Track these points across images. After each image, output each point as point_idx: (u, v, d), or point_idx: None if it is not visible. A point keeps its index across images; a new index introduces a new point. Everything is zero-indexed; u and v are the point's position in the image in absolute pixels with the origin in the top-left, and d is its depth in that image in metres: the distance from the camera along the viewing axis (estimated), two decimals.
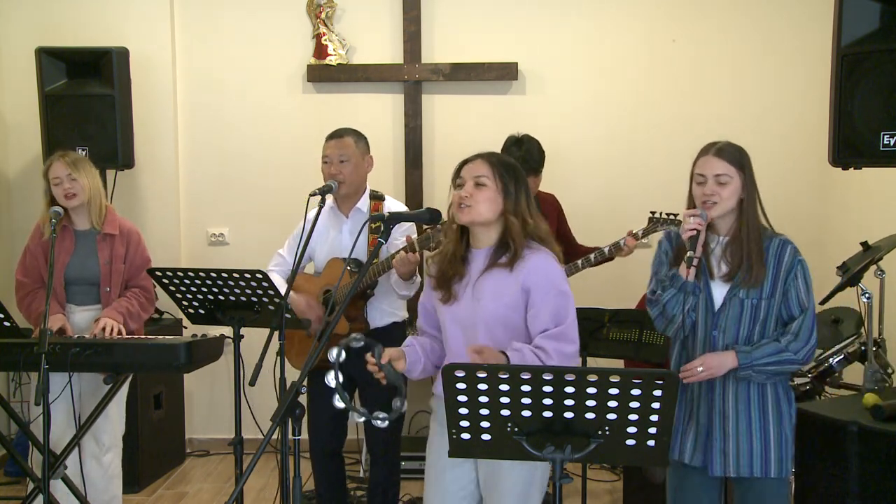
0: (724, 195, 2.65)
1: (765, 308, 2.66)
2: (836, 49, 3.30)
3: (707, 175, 2.68)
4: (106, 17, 5.05)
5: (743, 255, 2.66)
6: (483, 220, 2.57)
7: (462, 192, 2.57)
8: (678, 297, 2.67)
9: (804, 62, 4.96)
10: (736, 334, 2.68)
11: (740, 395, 2.68)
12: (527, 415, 2.00)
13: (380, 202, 3.67)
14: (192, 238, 5.29)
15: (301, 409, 2.30)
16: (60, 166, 3.59)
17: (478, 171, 2.58)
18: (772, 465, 2.68)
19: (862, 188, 4.54)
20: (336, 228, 3.64)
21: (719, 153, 2.68)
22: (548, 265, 2.56)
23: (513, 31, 5.11)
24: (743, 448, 2.67)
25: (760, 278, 2.64)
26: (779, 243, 2.69)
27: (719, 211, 2.67)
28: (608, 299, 3.74)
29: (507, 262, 2.55)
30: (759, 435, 2.67)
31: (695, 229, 2.62)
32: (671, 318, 2.70)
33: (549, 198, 4.35)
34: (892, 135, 3.15)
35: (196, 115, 5.23)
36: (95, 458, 3.64)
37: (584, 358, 3.50)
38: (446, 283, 2.63)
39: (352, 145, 3.60)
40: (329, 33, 5.13)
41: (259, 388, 3.00)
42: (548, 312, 2.51)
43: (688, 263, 2.63)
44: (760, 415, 2.68)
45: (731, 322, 2.68)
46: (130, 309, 3.62)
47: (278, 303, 3.11)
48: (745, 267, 2.65)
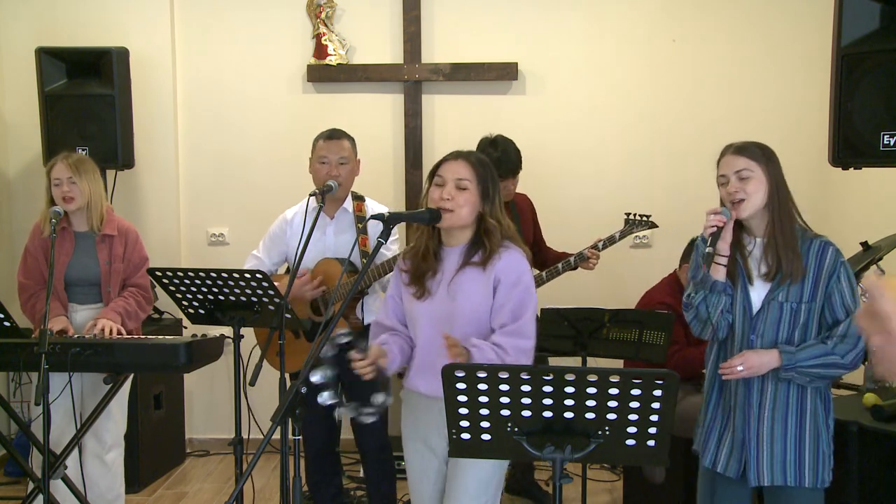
0: (748, 190, 2.58)
1: (805, 312, 2.58)
2: (836, 49, 3.30)
3: (728, 174, 2.62)
4: (106, 17, 5.05)
5: (778, 251, 2.58)
6: (462, 224, 2.61)
7: (444, 194, 2.58)
8: (710, 297, 2.61)
9: (804, 62, 4.96)
10: (774, 339, 2.60)
11: (778, 402, 2.61)
12: (527, 415, 2.00)
13: (361, 202, 3.69)
14: (192, 238, 5.29)
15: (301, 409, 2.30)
16: (63, 168, 3.59)
17: (460, 172, 2.60)
18: (806, 475, 2.60)
19: (862, 188, 4.54)
20: (320, 229, 3.61)
21: (738, 150, 2.63)
22: (518, 262, 2.60)
23: (513, 31, 5.11)
24: (777, 456, 2.60)
25: (798, 274, 2.56)
26: (820, 244, 2.61)
27: (749, 208, 2.59)
28: (608, 299, 3.75)
29: (480, 261, 2.59)
30: (793, 443, 2.60)
31: (714, 226, 2.57)
32: (705, 320, 2.64)
33: (524, 199, 4.32)
34: (892, 135, 3.15)
35: (196, 115, 5.23)
36: (98, 456, 3.64)
37: (584, 358, 3.50)
38: (420, 279, 2.65)
39: (349, 148, 3.63)
40: (329, 33, 5.13)
41: (259, 388, 3.00)
42: (509, 308, 2.54)
43: (705, 260, 2.57)
44: (797, 422, 2.60)
45: (769, 326, 2.61)
46: (128, 308, 3.61)
47: (278, 303, 3.11)
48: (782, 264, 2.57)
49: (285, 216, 3.75)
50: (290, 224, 3.71)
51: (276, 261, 3.76)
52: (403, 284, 2.71)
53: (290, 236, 3.68)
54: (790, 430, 2.60)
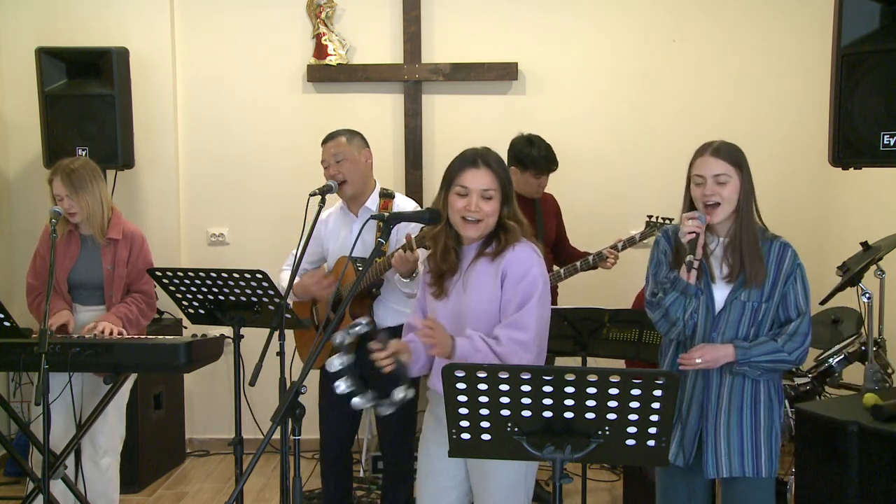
0: (724, 195, 2.65)
1: (763, 310, 2.68)
2: (836, 49, 3.30)
3: (706, 175, 2.67)
4: (106, 17, 5.05)
5: (742, 255, 2.66)
6: (488, 231, 2.61)
7: (471, 206, 2.57)
8: (681, 300, 2.67)
9: (804, 62, 4.96)
10: (734, 336, 2.69)
11: (734, 394, 2.70)
12: (527, 415, 2.00)
13: (389, 200, 3.65)
14: (192, 238, 5.29)
15: (301, 409, 2.30)
16: (60, 185, 3.57)
17: (485, 182, 2.59)
18: (762, 465, 2.69)
19: (862, 188, 4.54)
20: (346, 228, 3.64)
21: (717, 153, 2.67)
22: (527, 256, 2.58)
23: (513, 31, 5.11)
24: (734, 447, 2.68)
25: (762, 278, 2.65)
26: (779, 246, 2.69)
27: (722, 213, 2.66)
28: (607, 299, 3.74)
29: (491, 252, 2.59)
30: (750, 434, 2.69)
31: (694, 232, 2.62)
32: (674, 322, 2.70)
33: (549, 197, 4.38)
34: (892, 135, 3.15)
35: (196, 114, 5.23)
36: (92, 460, 3.63)
37: (584, 358, 3.50)
38: (440, 279, 2.67)
39: (344, 143, 3.59)
40: (329, 33, 5.13)
41: (259, 388, 3.00)
42: (515, 302, 2.53)
43: (688, 267, 2.64)
44: (752, 413, 2.69)
45: (730, 324, 2.69)
46: (129, 315, 3.62)
47: (278, 303, 3.11)
48: (745, 267, 2.65)
49: (321, 217, 3.75)
50: (325, 224, 3.71)
51: (314, 259, 3.76)
52: (426, 285, 2.73)
53: (325, 236, 3.69)
54: (746, 422, 2.69)
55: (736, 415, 2.69)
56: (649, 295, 2.77)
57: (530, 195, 4.19)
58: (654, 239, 2.86)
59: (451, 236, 2.67)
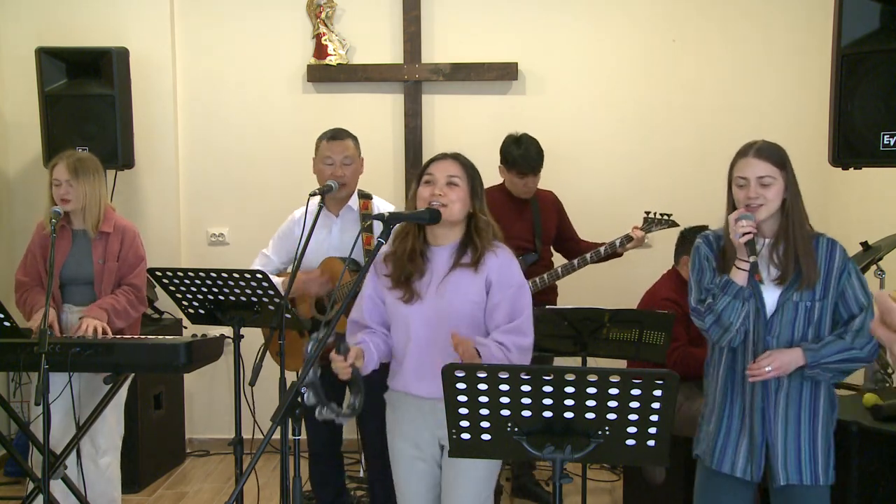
0: (769, 197, 2.57)
1: (818, 310, 2.59)
2: (836, 49, 3.30)
3: (749, 177, 2.58)
4: (106, 17, 5.05)
5: (794, 256, 2.58)
6: (454, 220, 2.62)
7: (435, 190, 2.61)
8: (734, 304, 2.57)
9: (804, 62, 4.96)
10: (790, 339, 2.60)
11: (791, 401, 2.61)
12: (527, 415, 2.00)
13: (368, 200, 3.68)
14: (192, 238, 5.29)
15: (301, 409, 2.30)
16: (63, 169, 3.59)
17: (450, 170, 2.64)
18: (820, 473, 2.61)
19: (862, 188, 4.54)
20: (325, 228, 3.62)
21: (759, 154, 2.60)
22: (509, 262, 2.63)
23: (513, 31, 5.11)
24: (792, 455, 2.60)
25: (814, 279, 2.57)
26: (827, 242, 2.62)
27: (765, 213, 2.58)
28: (607, 299, 3.74)
29: (471, 261, 2.60)
30: (808, 442, 2.60)
31: (750, 232, 2.53)
32: (727, 327, 2.59)
33: (548, 195, 4.38)
34: (892, 135, 3.15)
35: (196, 115, 5.23)
36: (92, 460, 3.63)
37: (584, 358, 3.50)
38: (406, 282, 2.64)
39: (353, 148, 3.62)
40: (329, 33, 5.13)
41: (259, 388, 3.00)
42: (505, 308, 2.57)
43: (753, 270, 2.53)
44: (810, 421, 2.61)
45: (785, 326, 2.60)
46: (116, 306, 3.60)
47: (278, 303, 3.11)
48: (799, 269, 2.57)
49: (294, 216, 3.74)
50: (298, 223, 3.70)
51: (285, 259, 3.75)
52: (386, 288, 2.69)
53: (299, 235, 3.68)
54: (804, 429, 2.61)
55: (794, 424, 2.60)
56: (695, 302, 2.68)
57: (519, 195, 4.19)
58: (694, 245, 2.77)
59: (418, 237, 2.67)
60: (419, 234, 2.68)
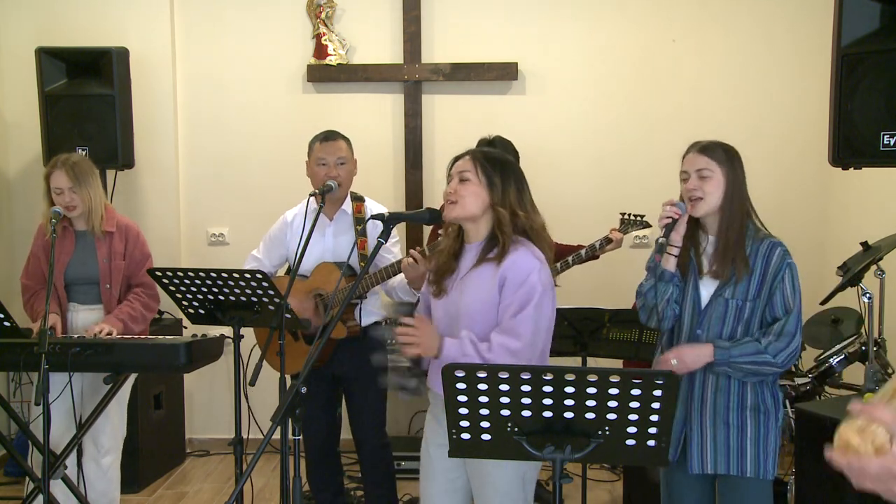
0: (706, 189, 2.66)
1: (749, 309, 2.66)
2: (836, 49, 3.30)
3: (689, 171, 2.70)
4: (106, 17, 5.05)
5: (724, 253, 2.66)
6: (468, 215, 2.61)
7: (447, 189, 2.63)
8: (659, 286, 2.69)
9: (804, 62, 4.96)
10: (719, 333, 2.68)
11: (720, 393, 2.68)
12: (527, 415, 2.00)
13: (361, 203, 3.67)
14: (192, 238, 5.29)
15: (301, 409, 2.30)
16: (62, 177, 3.55)
17: (461, 167, 2.64)
18: (748, 464, 2.65)
19: (862, 188, 4.54)
20: (319, 231, 3.60)
21: (702, 150, 2.71)
22: (525, 261, 2.54)
23: (513, 31, 5.11)
24: (719, 445, 2.67)
25: (741, 274, 2.63)
26: (769, 245, 2.67)
27: (704, 208, 2.67)
28: (607, 299, 3.75)
29: (495, 256, 2.57)
30: (736, 433, 2.66)
31: (669, 217, 2.67)
32: (651, 308, 2.72)
33: None
34: (892, 135, 3.15)
35: (196, 114, 5.23)
36: (94, 459, 3.64)
37: (584, 358, 3.50)
38: (440, 278, 2.68)
39: (346, 149, 3.62)
40: (329, 33, 5.13)
41: (259, 388, 3.00)
42: (512, 308, 2.51)
43: (658, 249, 2.66)
44: (738, 414, 2.67)
45: (714, 321, 2.68)
46: (132, 313, 3.62)
47: (278, 303, 3.11)
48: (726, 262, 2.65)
49: (285, 217, 3.74)
50: (290, 226, 3.70)
51: (276, 262, 3.75)
52: (428, 282, 2.76)
53: (290, 238, 3.68)
54: (732, 421, 2.67)
55: (722, 413, 2.67)
56: (639, 286, 2.80)
57: None
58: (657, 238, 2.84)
59: (457, 237, 2.70)
60: (458, 234, 2.70)
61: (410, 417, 5.12)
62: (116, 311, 3.61)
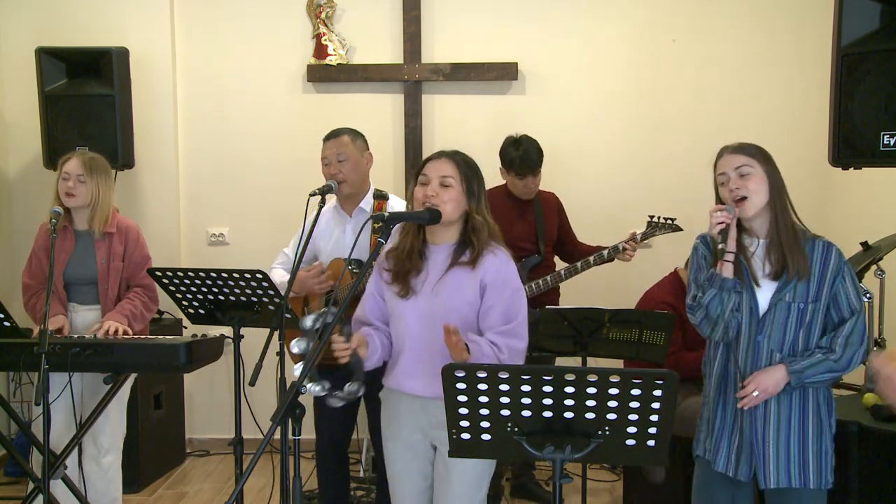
0: (750, 187, 2.59)
1: (810, 312, 2.59)
2: (836, 49, 3.30)
3: (728, 171, 2.63)
4: (106, 17, 5.05)
5: (781, 251, 2.59)
6: (448, 220, 2.61)
7: (428, 191, 2.61)
8: (720, 296, 2.59)
9: (804, 62, 4.96)
10: (781, 340, 2.61)
11: (782, 403, 2.61)
12: (527, 415, 2.00)
13: (383, 201, 3.66)
14: (192, 238, 5.29)
15: (301, 409, 2.29)
16: (76, 164, 3.59)
17: (443, 170, 2.63)
18: (811, 476, 2.60)
19: (862, 188, 4.54)
20: (340, 228, 3.63)
21: (736, 149, 2.66)
22: (506, 264, 2.62)
23: (513, 31, 5.11)
24: (782, 458, 2.60)
25: (805, 271, 2.56)
26: (823, 245, 2.62)
27: (752, 207, 2.60)
28: (608, 299, 3.75)
29: (469, 260, 2.60)
30: (797, 444, 2.60)
31: (723, 222, 2.58)
32: (716, 320, 2.61)
33: (549, 196, 4.37)
34: (892, 135, 3.15)
35: (196, 114, 5.23)
36: (94, 459, 3.64)
37: (584, 358, 3.50)
38: (403, 278, 2.66)
39: (348, 143, 3.59)
40: (329, 33, 5.13)
41: (259, 388, 3.00)
42: (499, 310, 2.56)
43: (720, 256, 2.58)
44: (800, 423, 2.61)
45: (776, 327, 2.61)
46: (134, 311, 3.62)
47: (278, 303, 3.11)
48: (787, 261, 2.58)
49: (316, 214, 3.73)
50: (318, 223, 3.70)
51: (305, 259, 3.75)
52: (385, 283, 2.72)
53: (317, 234, 3.68)
54: (794, 431, 2.61)
55: (785, 426, 2.61)
56: (690, 299, 2.70)
57: (520, 196, 4.19)
58: (693, 245, 2.79)
59: (416, 235, 2.69)
60: (419, 233, 2.69)
61: None
62: (118, 307, 3.61)
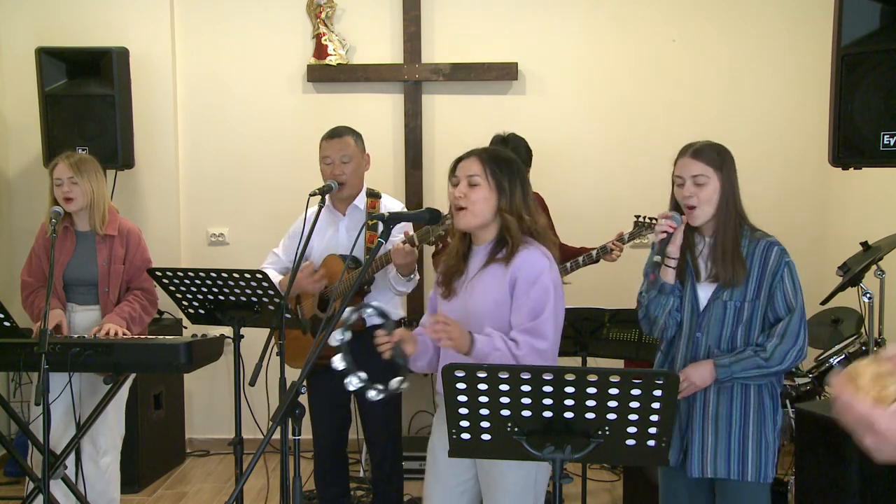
0: (702, 196, 2.65)
1: (748, 310, 2.65)
2: (836, 49, 3.30)
3: (685, 176, 2.68)
4: (106, 17, 5.05)
5: (722, 255, 2.65)
6: (481, 223, 2.59)
7: (456, 192, 2.59)
8: (659, 298, 2.70)
9: (804, 62, 4.96)
10: (719, 336, 2.67)
11: (722, 395, 2.67)
12: (527, 415, 2.00)
13: (376, 200, 3.67)
14: (192, 238, 5.29)
15: (301, 409, 2.29)
16: (64, 168, 3.59)
17: (470, 169, 2.59)
18: (749, 469, 2.65)
19: (862, 188, 4.54)
20: (333, 226, 3.63)
21: (696, 154, 2.68)
22: (535, 260, 2.53)
23: (513, 31, 5.11)
24: (721, 448, 2.66)
25: (740, 277, 2.63)
26: (766, 245, 2.66)
27: (701, 217, 2.67)
28: (608, 299, 3.75)
29: (503, 258, 2.56)
30: (738, 436, 2.65)
31: (665, 232, 2.66)
32: (654, 320, 2.73)
33: (536, 197, 4.34)
34: (892, 135, 3.15)
35: (196, 115, 5.23)
36: (92, 460, 3.63)
37: (584, 358, 3.50)
38: (448, 280, 2.67)
39: (352, 145, 3.60)
40: (329, 33, 5.13)
41: (259, 388, 3.00)
42: (527, 308, 2.50)
43: (652, 268, 2.69)
44: (742, 415, 2.66)
45: (713, 324, 2.67)
46: (132, 313, 3.62)
47: (278, 303, 3.11)
48: (725, 265, 2.64)
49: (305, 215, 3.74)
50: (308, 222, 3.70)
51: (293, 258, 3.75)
52: (436, 284, 2.74)
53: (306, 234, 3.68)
54: (735, 423, 2.66)
55: (725, 418, 2.66)
56: (638, 295, 2.80)
57: None
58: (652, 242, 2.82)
59: (463, 238, 2.68)
60: (465, 235, 2.67)
61: (410, 417, 5.12)
62: (117, 309, 3.61)
